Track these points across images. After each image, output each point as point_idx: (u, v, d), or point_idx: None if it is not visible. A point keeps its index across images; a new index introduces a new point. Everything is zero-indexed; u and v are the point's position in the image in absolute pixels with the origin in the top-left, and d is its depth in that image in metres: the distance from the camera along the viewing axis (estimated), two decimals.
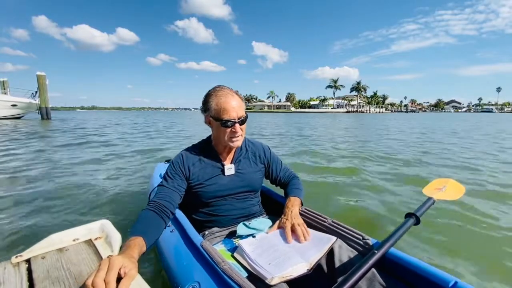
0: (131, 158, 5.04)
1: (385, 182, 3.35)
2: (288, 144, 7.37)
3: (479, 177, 3.57)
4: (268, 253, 0.92)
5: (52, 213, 2.32)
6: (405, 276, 0.91)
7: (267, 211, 1.34)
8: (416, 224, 1.05)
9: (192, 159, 1.17)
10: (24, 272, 0.76)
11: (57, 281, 0.71)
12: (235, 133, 1.09)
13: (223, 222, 1.19)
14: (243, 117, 1.10)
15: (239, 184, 1.20)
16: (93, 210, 2.42)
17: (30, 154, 5.28)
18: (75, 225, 0.98)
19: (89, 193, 2.87)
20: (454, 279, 0.79)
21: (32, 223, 2.12)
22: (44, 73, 19.58)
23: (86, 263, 0.80)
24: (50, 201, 2.62)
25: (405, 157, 5.11)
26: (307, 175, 3.74)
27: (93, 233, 0.96)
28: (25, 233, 1.96)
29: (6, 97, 19.27)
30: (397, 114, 70.20)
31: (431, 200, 1.21)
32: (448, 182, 1.46)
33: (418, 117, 38.11)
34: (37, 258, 0.82)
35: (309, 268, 0.85)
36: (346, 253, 0.94)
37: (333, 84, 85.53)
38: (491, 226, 2.10)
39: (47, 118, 20.10)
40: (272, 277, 0.81)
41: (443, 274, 0.82)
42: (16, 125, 13.73)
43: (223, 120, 1.06)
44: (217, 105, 1.06)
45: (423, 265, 0.87)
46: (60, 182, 3.29)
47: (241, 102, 1.11)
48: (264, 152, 1.32)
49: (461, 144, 7.17)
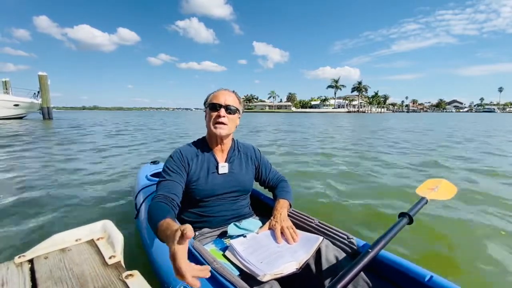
0: (142, 159, 5.05)
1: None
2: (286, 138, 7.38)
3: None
4: (259, 252, 0.95)
5: (53, 213, 2.33)
6: (383, 272, 0.96)
7: (256, 213, 1.36)
8: (409, 224, 1.08)
9: (191, 154, 1.20)
10: (27, 272, 0.76)
11: (60, 281, 0.72)
12: (219, 117, 1.13)
13: (214, 223, 1.21)
14: (231, 106, 1.16)
15: (232, 184, 1.23)
16: (94, 209, 2.43)
17: (33, 153, 5.30)
18: (76, 226, 0.98)
19: (91, 193, 2.88)
20: (430, 273, 0.84)
21: (33, 223, 2.13)
22: (45, 73, 19.68)
23: (88, 263, 0.80)
24: (51, 201, 2.63)
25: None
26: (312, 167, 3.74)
27: (95, 233, 0.97)
28: (26, 233, 1.97)
29: (8, 97, 19.35)
30: (398, 114, 69.99)
31: (424, 200, 1.24)
32: (440, 182, 1.48)
33: (422, 117, 37.88)
34: (40, 258, 0.82)
35: (298, 267, 0.89)
36: (332, 252, 0.98)
37: (334, 84, 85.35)
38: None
39: (48, 118, 20.18)
40: (264, 274, 0.84)
41: (418, 269, 0.87)
42: (19, 125, 13.79)
43: (211, 103, 1.15)
44: (212, 96, 1.18)
45: (398, 260, 0.92)
46: (61, 182, 3.30)
47: (235, 98, 1.20)
48: (255, 154, 1.35)
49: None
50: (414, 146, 6.81)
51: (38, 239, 1.79)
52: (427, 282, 0.82)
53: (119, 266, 0.80)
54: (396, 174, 3.83)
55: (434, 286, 0.81)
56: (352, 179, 3.54)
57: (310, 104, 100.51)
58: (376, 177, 3.62)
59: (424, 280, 0.83)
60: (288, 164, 4.52)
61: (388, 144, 7.26)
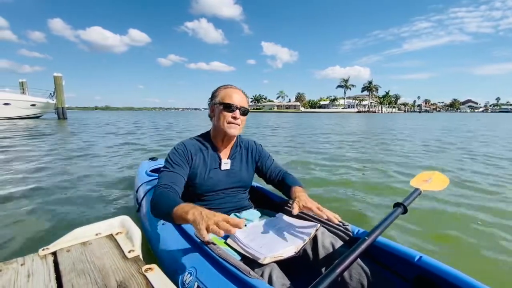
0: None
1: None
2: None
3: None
4: (259, 239, 1.01)
5: (70, 208, 2.40)
6: (375, 255, 1.03)
7: (256, 205, 1.41)
8: (404, 213, 1.13)
9: (194, 148, 1.21)
10: (51, 264, 0.79)
11: (83, 273, 0.74)
12: (235, 119, 1.16)
13: None
14: (244, 109, 1.18)
15: (233, 179, 1.26)
16: (111, 205, 2.49)
17: (53, 151, 5.48)
18: (95, 220, 1.01)
19: (108, 188, 2.96)
20: (419, 254, 0.90)
21: (52, 217, 2.20)
22: (60, 74, 20.25)
23: (108, 256, 0.83)
24: (68, 196, 2.72)
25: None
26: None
27: (114, 228, 0.99)
28: (45, 227, 2.04)
29: (26, 97, 20.05)
30: (410, 114, 68.49)
31: (418, 191, 1.30)
32: (434, 174, 1.54)
33: (437, 117, 36.89)
34: (63, 251, 0.85)
35: (296, 251, 0.96)
36: (328, 239, 1.02)
37: (344, 84, 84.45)
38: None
39: (63, 118, 20.76)
40: (264, 257, 0.89)
41: (407, 250, 0.94)
42: (36, 124, 14.27)
43: (226, 103, 1.14)
44: (224, 94, 1.17)
45: (388, 243, 0.99)
46: (77, 176, 3.40)
47: (245, 98, 1.22)
48: (256, 149, 1.38)
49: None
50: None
51: (55, 232, 1.86)
52: (417, 262, 0.89)
53: (138, 260, 0.82)
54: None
55: (422, 265, 0.88)
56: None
57: (319, 104, 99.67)
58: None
59: (414, 260, 0.89)
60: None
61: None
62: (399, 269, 0.97)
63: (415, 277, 0.91)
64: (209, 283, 0.81)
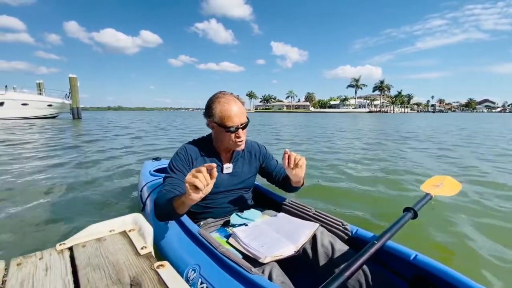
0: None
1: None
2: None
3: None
4: (260, 239, 1.03)
5: (82, 205, 2.48)
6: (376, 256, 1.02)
7: (257, 204, 1.43)
8: (414, 218, 1.12)
9: (195, 153, 1.23)
10: (68, 259, 0.81)
11: (98, 268, 0.76)
12: (239, 138, 1.16)
13: (218, 214, 1.29)
14: (245, 123, 1.17)
15: (235, 182, 1.29)
16: (122, 203, 2.55)
17: (70, 149, 5.66)
18: (107, 218, 1.04)
19: (120, 186, 3.03)
20: (414, 252, 0.92)
21: (64, 214, 2.27)
22: (75, 75, 20.90)
23: (122, 252, 0.85)
24: (80, 193, 2.80)
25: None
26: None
27: (127, 225, 1.02)
28: (59, 223, 2.11)
29: (43, 98, 20.86)
30: (424, 114, 66.57)
31: (429, 196, 1.28)
32: (445, 179, 1.50)
33: (455, 117, 35.63)
34: (79, 246, 0.88)
35: (296, 250, 0.98)
36: (327, 238, 1.04)
37: (355, 83, 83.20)
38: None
39: (78, 118, 21.42)
40: (265, 256, 0.91)
41: (403, 249, 0.95)
42: (53, 123, 14.76)
43: (227, 127, 1.12)
44: (221, 112, 1.12)
45: (387, 242, 0.98)
46: (90, 175, 3.50)
47: (243, 107, 1.18)
48: (260, 151, 1.39)
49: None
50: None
51: (69, 228, 1.92)
52: (414, 261, 0.90)
53: (150, 256, 0.84)
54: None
55: (420, 265, 0.89)
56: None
57: (329, 104, 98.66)
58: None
59: (411, 260, 0.91)
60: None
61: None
62: (398, 268, 0.98)
63: (412, 276, 0.92)
64: (212, 279, 0.85)
